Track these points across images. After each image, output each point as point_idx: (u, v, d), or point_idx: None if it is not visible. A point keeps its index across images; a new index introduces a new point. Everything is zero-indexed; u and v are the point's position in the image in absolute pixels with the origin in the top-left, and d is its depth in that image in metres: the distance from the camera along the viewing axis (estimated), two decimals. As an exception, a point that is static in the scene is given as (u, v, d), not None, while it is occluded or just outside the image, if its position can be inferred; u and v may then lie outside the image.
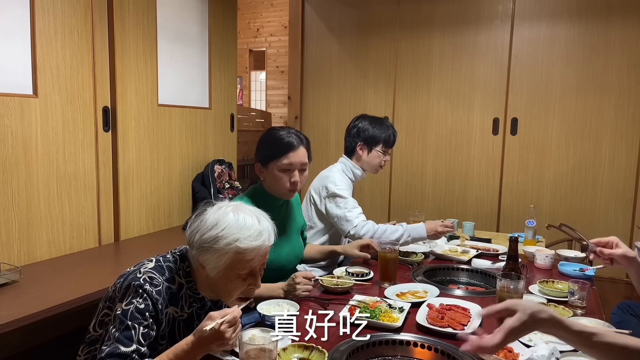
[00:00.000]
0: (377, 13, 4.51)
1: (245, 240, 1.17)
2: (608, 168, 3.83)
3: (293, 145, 1.76)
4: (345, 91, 4.70)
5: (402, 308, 1.54)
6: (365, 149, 2.38)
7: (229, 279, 1.21)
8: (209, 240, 1.18)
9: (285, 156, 1.75)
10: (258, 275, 1.26)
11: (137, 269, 1.23)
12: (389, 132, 2.40)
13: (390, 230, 2.18)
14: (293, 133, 1.80)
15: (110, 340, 1.13)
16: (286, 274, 1.78)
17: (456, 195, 4.32)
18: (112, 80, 2.66)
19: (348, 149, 2.42)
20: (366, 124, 2.39)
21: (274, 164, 1.76)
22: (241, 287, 1.23)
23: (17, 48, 2.24)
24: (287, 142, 1.76)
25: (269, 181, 1.81)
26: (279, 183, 1.77)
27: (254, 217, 1.22)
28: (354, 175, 2.39)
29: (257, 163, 1.82)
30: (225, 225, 1.18)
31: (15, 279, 1.98)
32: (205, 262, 1.21)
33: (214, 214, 1.21)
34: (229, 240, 1.17)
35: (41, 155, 2.32)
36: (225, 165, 3.45)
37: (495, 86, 4.10)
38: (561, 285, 1.82)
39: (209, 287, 1.27)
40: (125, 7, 2.71)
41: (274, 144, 1.77)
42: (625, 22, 3.68)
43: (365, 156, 2.38)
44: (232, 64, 3.70)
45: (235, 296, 1.25)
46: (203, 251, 1.20)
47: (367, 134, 2.37)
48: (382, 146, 2.39)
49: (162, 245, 2.59)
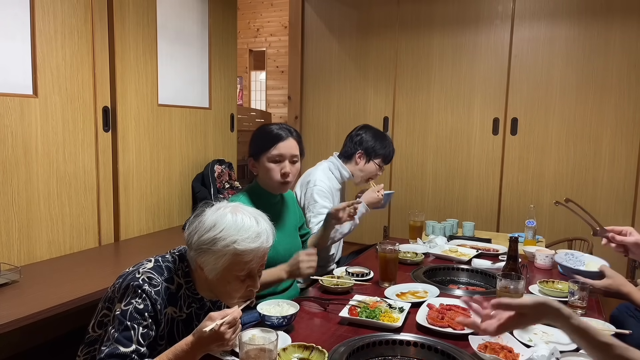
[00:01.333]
0: (377, 13, 4.50)
1: (244, 242, 1.17)
2: (608, 168, 3.83)
3: (282, 136, 1.78)
4: (345, 91, 4.70)
5: (402, 308, 1.54)
6: (364, 158, 2.40)
7: (227, 280, 1.21)
8: (207, 242, 1.18)
9: (275, 147, 1.76)
10: (257, 277, 1.25)
11: (136, 269, 1.23)
12: (389, 149, 2.44)
13: (339, 230, 2.15)
14: (283, 126, 1.82)
15: (109, 341, 1.13)
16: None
17: (456, 195, 4.32)
18: (112, 80, 2.67)
19: (346, 153, 2.43)
20: (369, 136, 2.41)
21: (264, 155, 1.77)
22: (240, 288, 1.23)
23: (17, 48, 2.24)
24: (276, 133, 1.78)
25: (262, 175, 1.81)
26: (270, 175, 1.78)
27: (252, 218, 1.22)
28: (340, 175, 2.39)
29: (249, 158, 1.83)
30: (224, 227, 1.17)
31: (15, 279, 1.98)
32: (203, 264, 1.20)
33: (212, 214, 1.21)
34: (227, 242, 1.16)
35: (41, 155, 2.32)
36: (225, 165, 3.45)
37: (495, 86, 4.10)
38: (561, 285, 1.82)
39: (208, 288, 1.27)
40: (125, 7, 2.71)
41: (264, 136, 1.80)
42: (625, 22, 3.68)
43: (362, 165, 2.40)
44: (232, 64, 3.70)
45: (235, 298, 1.24)
46: (201, 253, 1.19)
47: (369, 145, 2.39)
48: (380, 160, 2.41)
49: (162, 245, 2.59)
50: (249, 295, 1.26)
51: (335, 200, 2.34)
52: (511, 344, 1.32)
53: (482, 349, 1.29)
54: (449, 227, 2.71)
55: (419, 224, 2.58)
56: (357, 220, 2.20)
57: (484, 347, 1.29)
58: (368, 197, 2.28)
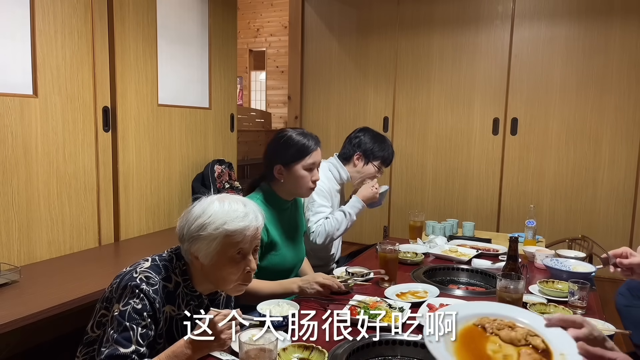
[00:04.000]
0: (377, 13, 4.50)
1: (233, 222, 1.20)
2: (608, 168, 3.83)
3: (314, 146, 1.85)
4: (345, 91, 4.70)
5: (402, 308, 1.54)
6: (362, 159, 2.39)
7: (222, 264, 1.22)
8: (197, 229, 1.20)
9: (310, 155, 1.83)
10: (251, 257, 1.27)
11: (133, 269, 1.23)
12: (389, 152, 2.42)
13: (336, 226, 2.17)
14: (309, 135, 1.88)
15: (108, 342, 1.13)
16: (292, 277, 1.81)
17: (456, 195, 4.32)
18: (112, 80, 2.66)
19: (345, 155, 2.42)
20: (368, 139, 2.40)
21: (299, 164, 1.81)
22: (236, 271, 1.24)
23: (17, 48, 2.24)
24: (310, 142, 1.85)
25: (290, 182, 1.83)
26: (303, 182, 1.82)
27: (240, 202, 1.25)
28: (339, 176, 2.39)
29: (277, 165, 1.82)
30: (212, 213, 1.20)
31: (15, 279, 1.98)
32: (196, 252, 1.22)
33: (199, 205, 1.24)
34: (216, 224, 1.19)
35: (41, 155, 2.32)
36: (225, 166, 3.45)
37: (495, 86, 4.10)
38: (561, 285, 1.82)
39: (206, 278, 1.27)
40: (125, 7, 2.71)
41: (298, 145, 1.83)
42: (625, 22, 3.68)
43: (361, 166, 2.39)
44: (232, 64, 3.69)
45: (233, 282, 1.26)
46: (193, 241, 1.21)
47: (368, 147, 2.38)
48: (379, 163, 2.41)
49: (162, 245, 2.57)
50: (247, 278, 1.28)
51: (334, 201, 2.34)
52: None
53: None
54: (449, 227, 2.71)
55: (419, 224, 2.58)
56: (353, 217, 2.21)
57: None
58: (363, 192, 2.28)
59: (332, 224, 2.15)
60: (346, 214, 2.19)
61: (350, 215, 2.20)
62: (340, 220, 2.17)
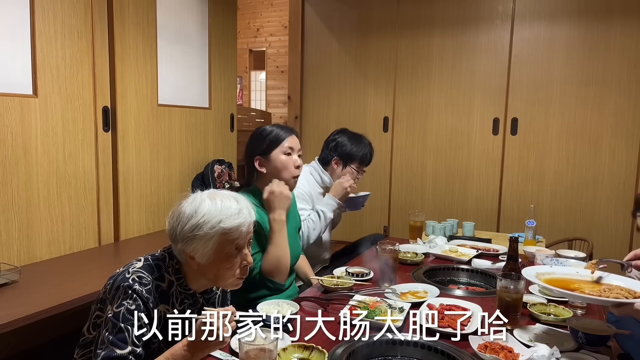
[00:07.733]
0: (377, 13, 4.50)
1: (228, 220, 1.20)
2: (608, 168, 3.82)
3: (290, 132, 1.86)
4: (345, 91, 4.70)
5: (402, 308, 1.54)
6: (340, 164, 2.40)
7: (219, 261, 1.23)
8: (191, 230, 1.20)
9: (286, 140, 1.84)
10: (247, 250, 1.28)
11: (126, 270, 1.23)
12: (365, 151, 2.41)
13: (312, 227, 2.18)
14: (282, 125, 1.91)
15: (104, 344, 1.13)
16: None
17: (456, 196, 4.32)
18: (112, 80, 2.66)
19: (324, 159, 2.43)
20: (345, 139, 2.40)
21: (277, 149, 1.82)
22: (234, 266, 1.25)
23: (17, 48, 2.24)
24: (283, 129, 1.86)
25: (273, 170, 1.82)
26: (285, 167, 1.82)
27: (232, 198, 1.25)
28: (321, 179, 2.39)
29: (256, 158, 1.83)
30: (205, 212, 1.20)
31: (15, 279, 1.98)
32: (193, 252, 1.22)
33: (189, 205, 1.23)
34: (212, 223, 1.19)
35: (41, 155, 2.32)
36: (225, 166, 3.45)
37: (495, 86, 4.10)
38: (561, 285, 1.82)
39: (203, 275, 1.27)
40: (125, 7, 2.71)
41: (272, 133, 1.84)
42: (625, 22, 3.68)
43: (339, 171, 2.40)
44: (232, 64, 3.69)
45: (230, 277, 1.26)
46: (188, 241, 1.21)
47: (345, 149, 2.38)
48: (357, 164, 2.41)
49: (162, 245, 2.56)
50: (244, 272, 1.29)
51: (316, 204, 2.34)
52: (511, 344, 1.32)
53: (482, 349, 1.29)
54: (449, 227, 2.71)
55: (419, 224, 2.58)
56: (328, 214, 2.20)
57: (484, 347, 1.29)
58: (334, 188, 2.27)
59: (308, 225, 2.17)
60: (320, 214, 2.20)
61: (324, 214, 2.20)
62: (316, 221, 2.19)
